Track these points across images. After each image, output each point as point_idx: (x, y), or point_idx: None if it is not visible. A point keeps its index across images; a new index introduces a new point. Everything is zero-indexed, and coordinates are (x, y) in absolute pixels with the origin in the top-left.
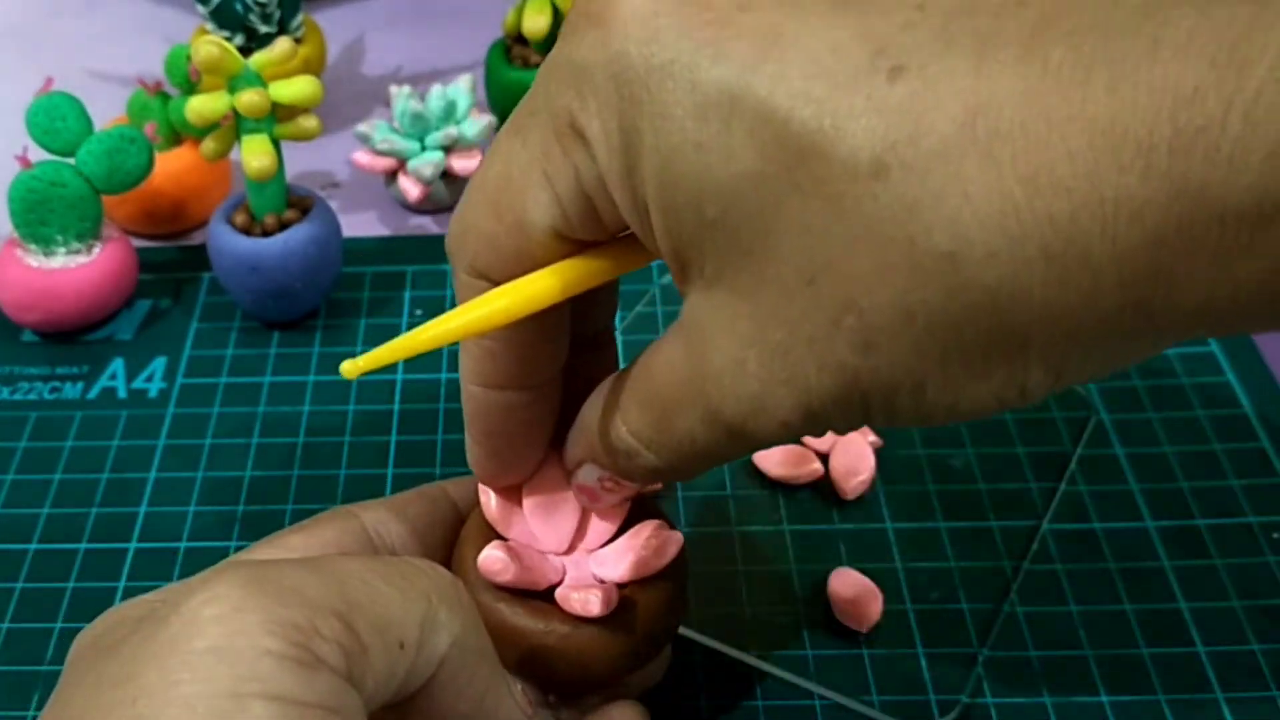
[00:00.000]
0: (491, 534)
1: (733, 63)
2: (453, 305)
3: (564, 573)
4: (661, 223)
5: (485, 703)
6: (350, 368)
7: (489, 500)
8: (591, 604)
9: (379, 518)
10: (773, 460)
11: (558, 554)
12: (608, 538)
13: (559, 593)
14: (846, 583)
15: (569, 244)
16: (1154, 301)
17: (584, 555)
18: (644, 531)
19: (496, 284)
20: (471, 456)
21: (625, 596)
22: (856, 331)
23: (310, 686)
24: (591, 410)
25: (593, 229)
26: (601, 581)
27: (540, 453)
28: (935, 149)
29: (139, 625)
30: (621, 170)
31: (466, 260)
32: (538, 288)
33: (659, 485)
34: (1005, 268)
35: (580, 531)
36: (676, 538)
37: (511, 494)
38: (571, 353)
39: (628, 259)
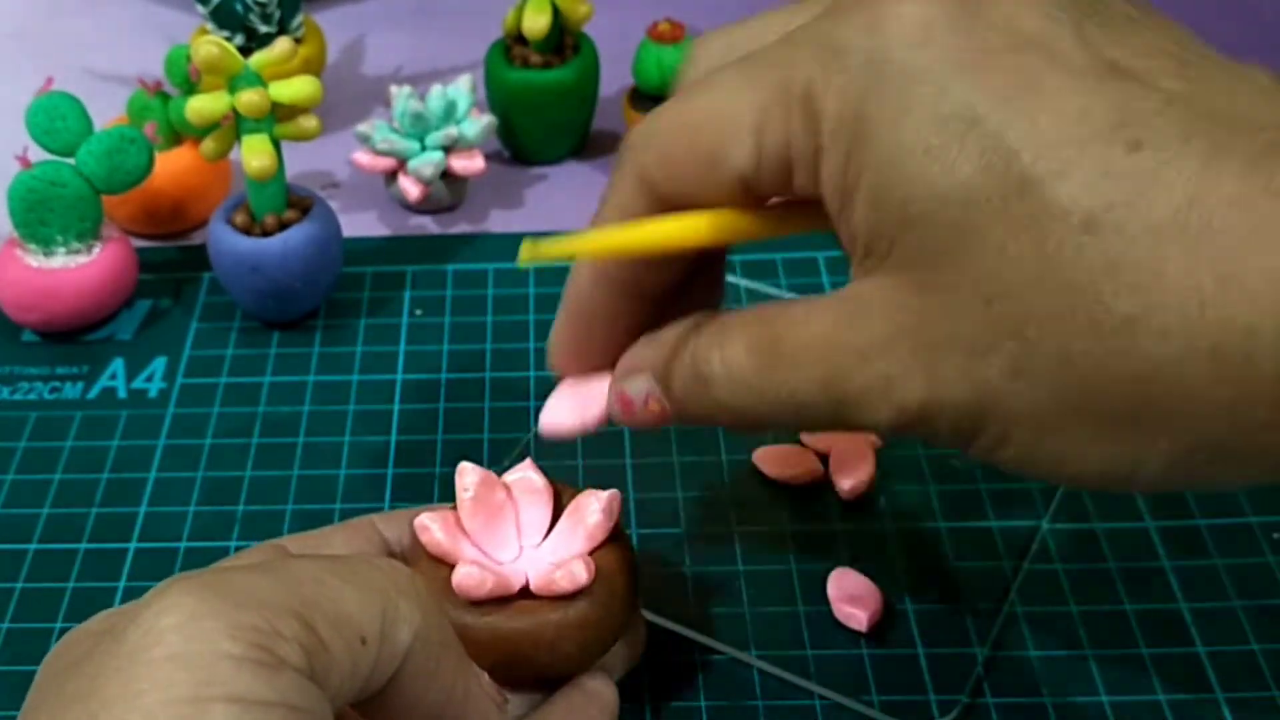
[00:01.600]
0: (439, 564)
1: (987, 91)
2: (452, 305)
3: (525, 572)
4: (866, 209)
5: (454, 693)
6: (531, 252)
7: (433, 531)
8: (579, 574)
9: (302, 547)
10: (772, 460)
11: (509, 561)
12: (546, 528)
13: (537, 584)
14: (846, 583)
15: (745, 194)
16: None
17: (532, 552)
18: (583, 503)
19: (659, 196)
20: (553, 335)
21: (594, 560)
22: (1013, 358)
23: (272, 686)
24: (677, 330)
25: (777, 191)
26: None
27: (610, 358)
28: (1149, 223)
29: (99, 640)
30: (843, 152)
31: (641, 165)
32: (700, 230)
33: (660, 423)
34: (1172, 350)
35: (519, 534)
36: (615, 493)
37: (451, 524)
38: (676, 295)
39: (787, 223)
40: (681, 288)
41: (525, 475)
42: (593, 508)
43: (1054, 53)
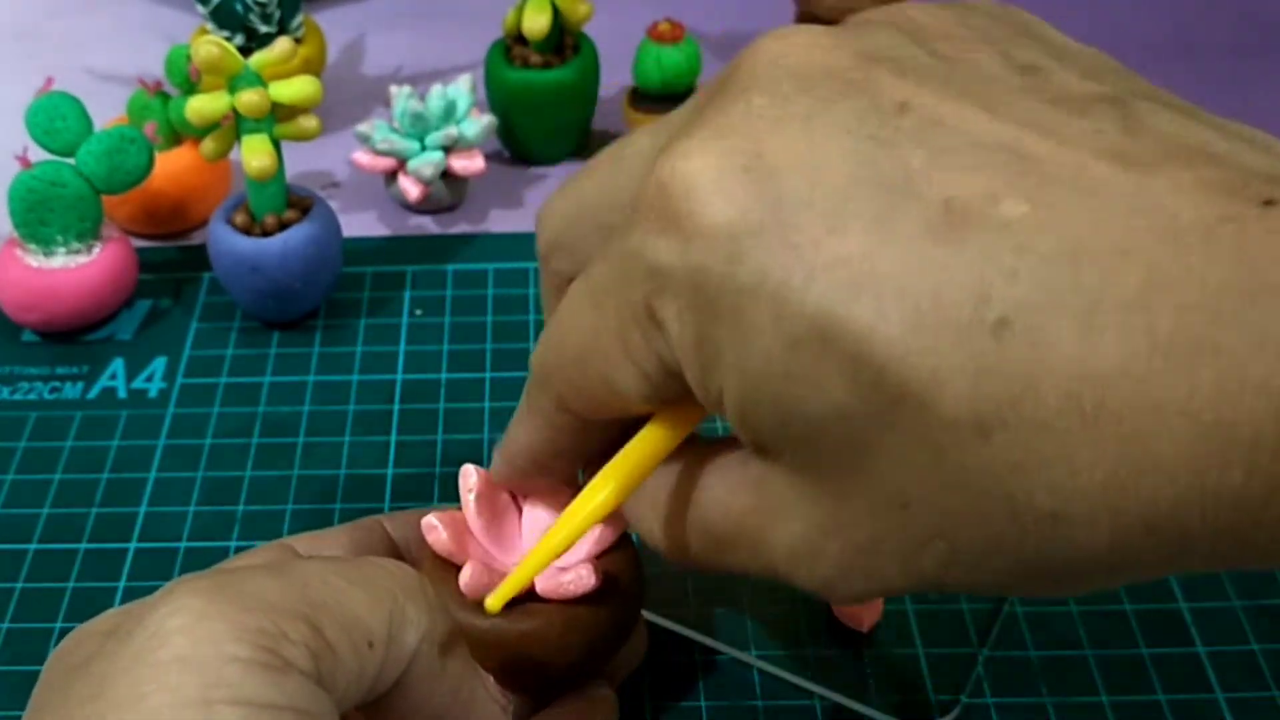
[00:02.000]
0: (445, 564)
1: (824, 296)
2: (452, 305)
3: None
4: (741, 427)
5: (460, 696)
6: (494, 602)
7: (439, 532)
8: (585, 577)
9: (310, 547)
10: None
11: (516, 563)
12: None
13: (543, 587)
14: None
15: (662, 403)
16: (1235, 556)
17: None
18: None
19: (581, 418)
20: (498, 459)
21: (601, 566)
22: (944, 554)
23: (279, 690)
24: (648, 518)
25: (687, 391)
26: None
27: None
28: (1042, 419)
29: (105, 641)
30: (699, 375)
31: (554, 395)
32: (639, 467)
33: (616, 528)
34: (1106, 536)
35: (522, 536)
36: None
37: (458, 524)
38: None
39: (677, 437)
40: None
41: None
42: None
43: (879, 217)
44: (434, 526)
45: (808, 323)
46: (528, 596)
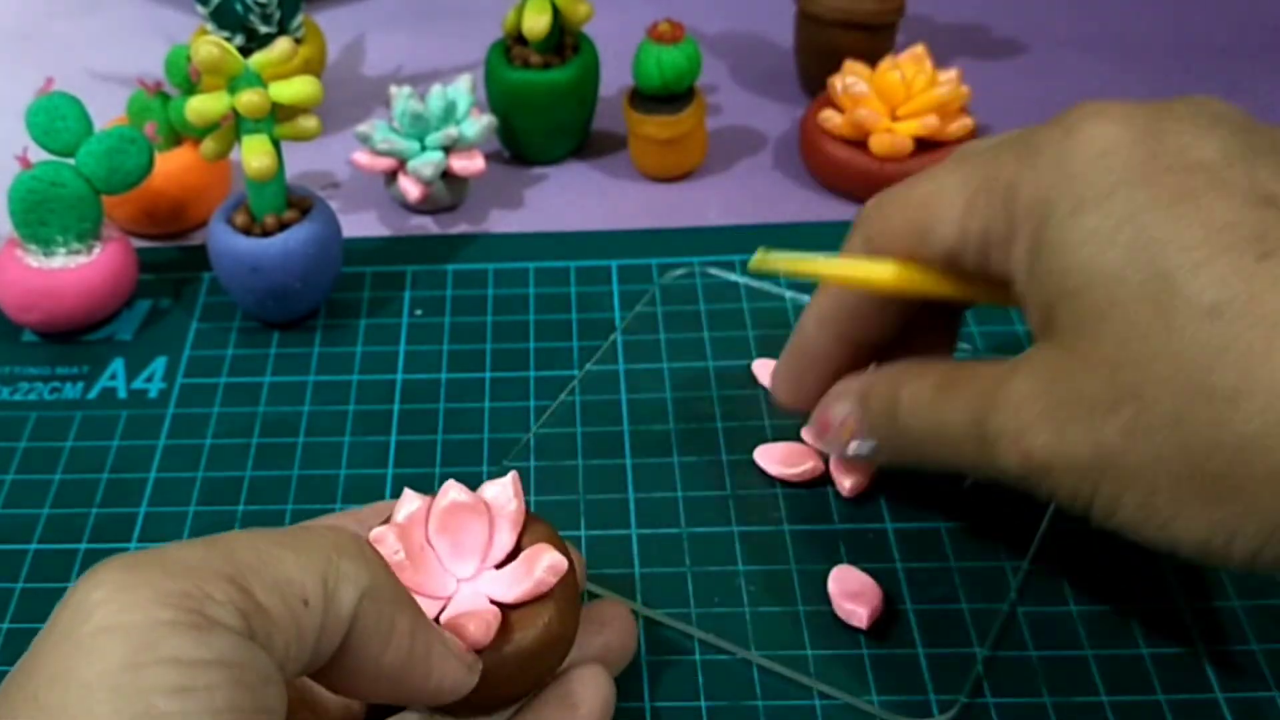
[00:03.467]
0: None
1: (1149, 197)
2: (452, 305)
3: (449, 600)
4: (1040, 279)
5: (414, 650)
6: (760, 261)
7: (385, 543)
8: (465, 635)
9: None
10: (773, 458)
11: (460, 580)
12: (509, 551)
13: (443, 620)
14: (847, 581)
15: (948, 268)
16: None
17: (483, 574)
18: (536, 556)
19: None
20: (776, 369)
21: (511, 618)
22: (1129, 419)
23: (207, 646)
24: (889, 369)
25: (974, 269)
26: (491, 602)
27: (817, 395)
28: (1263, 315)
29: (42, 630)
30: (1029, 234)
31: (866, 234)
32: (885, 274)
33: (865, 467)
34: (1270, 421)
35: (486, 549)
36: (563, 560)
37: (412, 531)
38: (901, 346)
39: (965, 289)
40: (898, 343)
41: (499, 495)
42: (543, 563)
43: (1218, 178)
44: (383, 538)
45: (1127, 204)
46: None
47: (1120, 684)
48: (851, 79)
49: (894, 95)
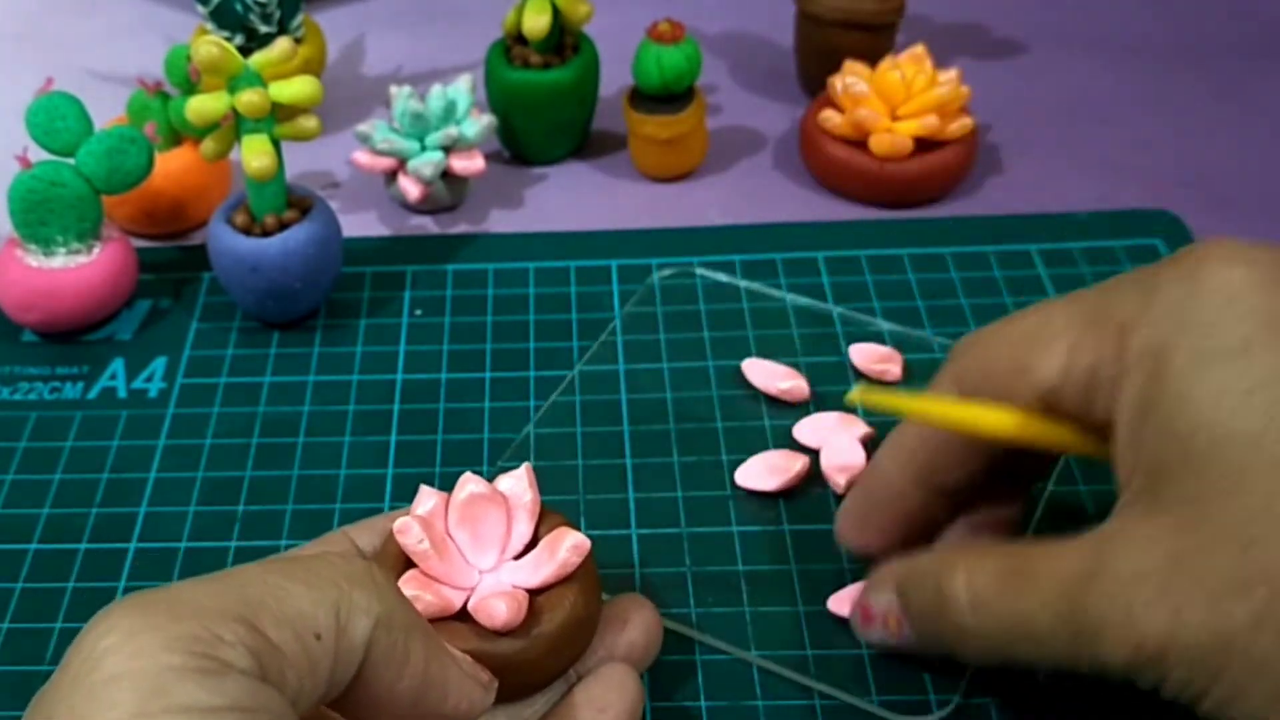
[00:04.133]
0: (403, 568)
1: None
2: (452, 305)
3: (473, 591)
4: (1156, 433)
5: (430, 677)
6: (859, 394)
7: (410, 533)
8: (498, 612)
9: None
10: (754, 474)
11: (482, 572)
12: (527, 542)
13: (473, 605)
14: (847, 583)
15: (1044, 407)
16: None
17: (505, 564)
18: (559, 539)
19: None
20: (846, 505)
21: (537, 602)
22: (1262, 603)
23: (218, 692)
24: (939, 553)
25: (1073, 411)
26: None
27: (893, 539)
28: None
29: (54, 673)
30: (1144, 379)
31: (959, 369)
32: (1008, 423)
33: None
34: None
35: (505, 540)
36: (585, 540)
37: (433, 524)
38: (978, 497)
39: (1082, 443)
40: (976, 492)
41: (515, 487)
42: (566, 544)
43: None
44: (407, 529)
45: (1264, 363)
46: (459, 614)
47: (1120, 683)
48: (851, 79)
49: (894, 95)
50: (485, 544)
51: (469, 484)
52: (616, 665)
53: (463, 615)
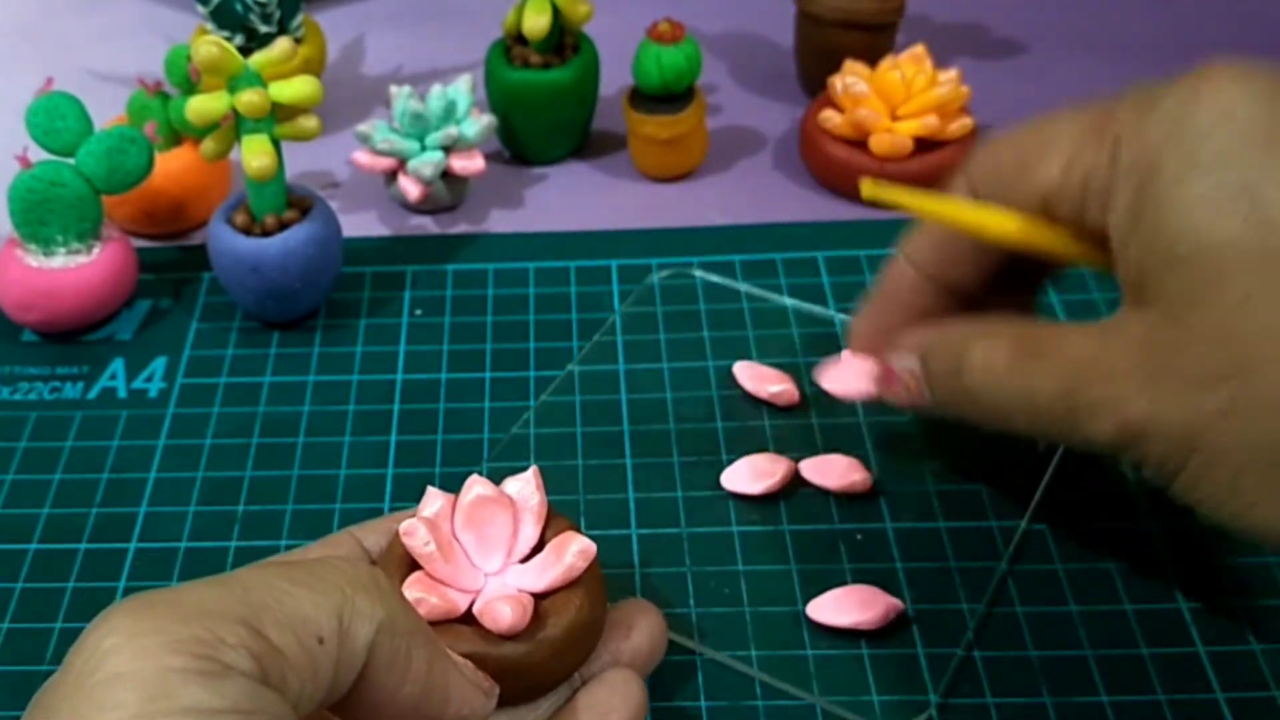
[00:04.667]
0: (408, 569)
1: (1271, 167)
2: (452, 305)
3: (478, 594)
4: (1140, 244)
5: (432, 683)
6: (870, 187)
7: (416, 535)
8: (502, 619)
9: None
10: (741, 478)
11: (488, 575)
12: (533, 545)
13: (475, 610)
14: (846, 583)
15: (1042, 210)
16: None
17: (511, 567)
18: (565, 543)
19: (977, 199)
20: (857, 313)
21: (543, 606)
22: (1231, 394)
23: (220, 694)
24: (962, 324)
25: (1069, 217)
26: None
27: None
28: None
29: (55, 673)
30: (1132, 189)
31: (969, 170)
32: (1009, 224)
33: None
34: None
35: (511, 543)
36: (591, 545)
37: (438, 527)
38: (987, 299)
39: (1082, 251)
40: (985, 294)
41: (523, 490)
42: (573, 549)
43: None
44: (413, 529)
45: (1246, 172)
46: (465, 616)
47: (1120, 684)
48: (851, 79)
49: (894, 95)
50: (491, 547)
51: (476, 486)
52: (620, 670)
53: (468, 618)
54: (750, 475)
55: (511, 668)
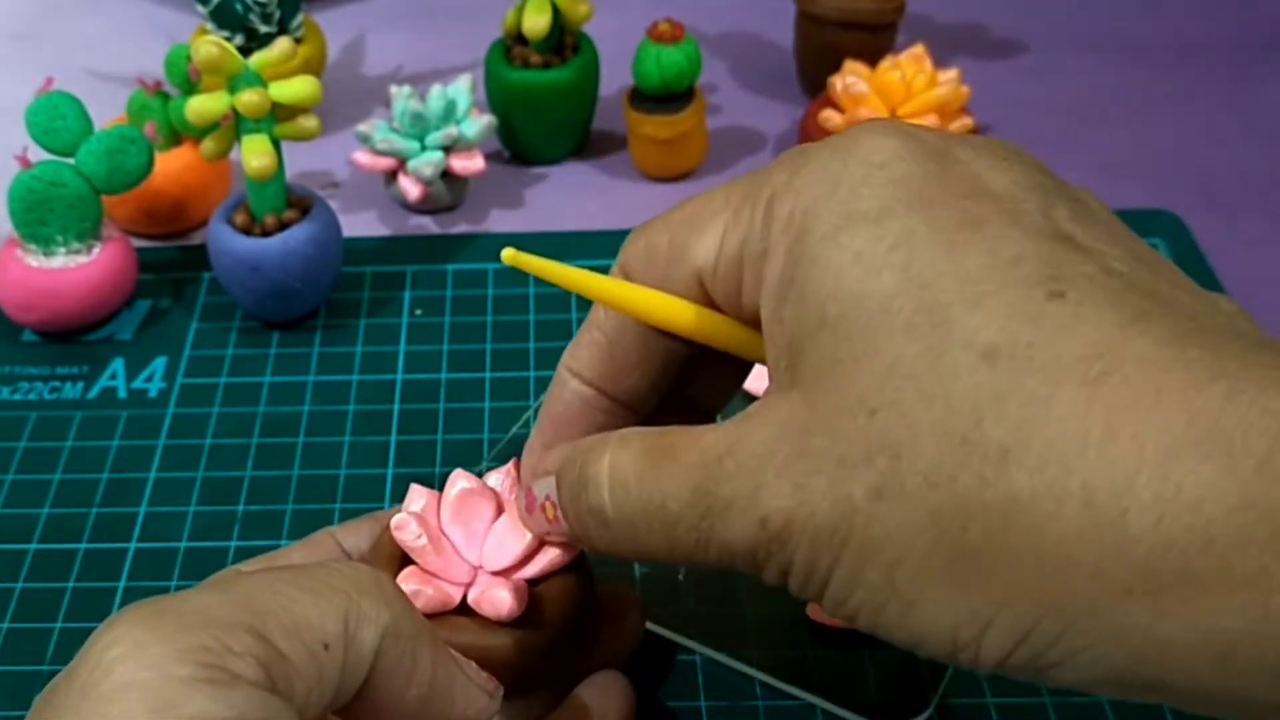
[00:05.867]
0: (399, 565)
1: (929, 221)
2: (452, 305)
3: (469, 586)
4: (792, 307)
5: (437, 685)
6: (510, 255)
7: (408, 529)
8: (501, 605)
9: (264, 566)
10: None
11: (477, 567)
12: (521, 545)
13: (471, 600)
14: None
15: (700, 293)
16: (1172, 592)
17: (500, 557)
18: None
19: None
20: (530, 440)
21: (537, 592)
22: (880, 475)
23: (227, 703)
24: (587, 439)
25: (723, 296)
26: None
27: None
28: (1050, 360)
29: (58, 681)
30: (785, 250)
31: (624, 259)
32: (677, 311)
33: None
34: (1042, 485)
35: (496, 539)
36: None
37: (427, 520)
38: (662, 414)
39: (750, 347)
40: (663, 411)
41: (505, 482)
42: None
43: (1009, 209)
44: (403, 525)
45: (903, 227)
46: (460, 608)
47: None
48: (851, 79)
49: (894, 95)
50: (478, 539)
51: (459, 480)
52: (609, 672)
53: (462, 611)
54: None
55: (512, 654)
